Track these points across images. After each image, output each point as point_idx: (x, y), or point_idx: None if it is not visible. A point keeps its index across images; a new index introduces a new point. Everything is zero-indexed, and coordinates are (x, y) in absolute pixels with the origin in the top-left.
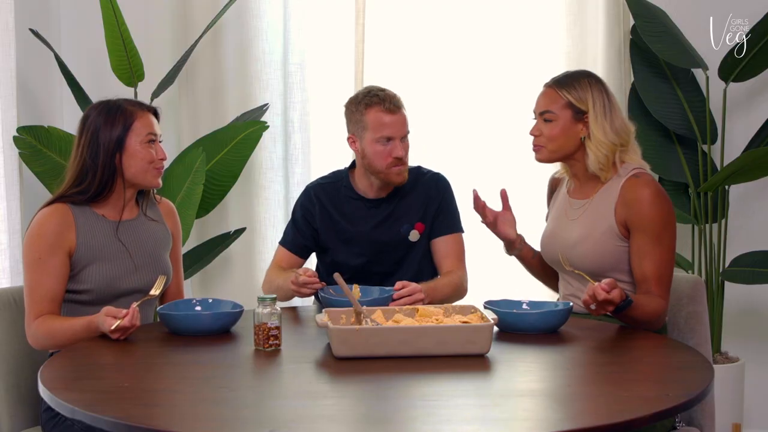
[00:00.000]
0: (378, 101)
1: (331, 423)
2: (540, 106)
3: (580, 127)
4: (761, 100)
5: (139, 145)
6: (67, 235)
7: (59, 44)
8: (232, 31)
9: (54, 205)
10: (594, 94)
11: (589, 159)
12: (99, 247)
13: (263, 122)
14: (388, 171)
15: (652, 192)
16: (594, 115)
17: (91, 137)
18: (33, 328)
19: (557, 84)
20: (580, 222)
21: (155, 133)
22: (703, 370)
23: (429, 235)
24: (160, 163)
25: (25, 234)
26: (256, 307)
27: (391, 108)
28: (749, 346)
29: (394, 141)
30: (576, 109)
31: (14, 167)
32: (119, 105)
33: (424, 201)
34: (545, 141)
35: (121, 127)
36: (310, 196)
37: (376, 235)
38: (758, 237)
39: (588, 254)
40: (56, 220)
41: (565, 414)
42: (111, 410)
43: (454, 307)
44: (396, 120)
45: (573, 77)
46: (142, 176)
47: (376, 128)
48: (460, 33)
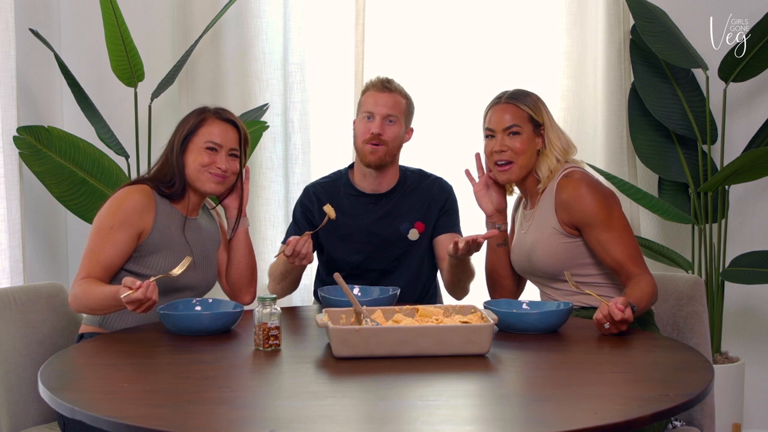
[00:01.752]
0: (372, 83)
1: (331, 423)
2: (503, 121)
3: (538, 140)
4: (761, 100)
5: (198, 148)
6: (144, 217)
7: (59, 44)
8: (232, 31)
9: (141, 185)
10: (543, 107)
11: (542, 168)
12: (170, 238)
13: (263, 122)
14: (363, 147)
15: (584, 187)
16: (549, 124)
17: (174, 133)
18: (76, 287)
19: (515, 99)
20: (530, 231)
21: (217, 142)
22: (703, 370)
23: (432, 234)
24: (215, 169)
25: (106, 202)
26: (256, 307)
27: (379, 87)
28: (749, 346)
29: (375, 117)
30: (535, 123)
31: (14, 167)
32: (203, 110)
33: (426, 201)
34: (514, 156)
35: (189, 127)
36: (310, 194)
37: (375, 229)
38: (758, 237)
39: (542, 258)
40: (140, 199)
41: (565, 414)
42: (111, 410)
43: (454, 307)
44: (380, 98)
45: (522, 93)
46: (196, 178)
47: (363, 105)
48: (460, 33)
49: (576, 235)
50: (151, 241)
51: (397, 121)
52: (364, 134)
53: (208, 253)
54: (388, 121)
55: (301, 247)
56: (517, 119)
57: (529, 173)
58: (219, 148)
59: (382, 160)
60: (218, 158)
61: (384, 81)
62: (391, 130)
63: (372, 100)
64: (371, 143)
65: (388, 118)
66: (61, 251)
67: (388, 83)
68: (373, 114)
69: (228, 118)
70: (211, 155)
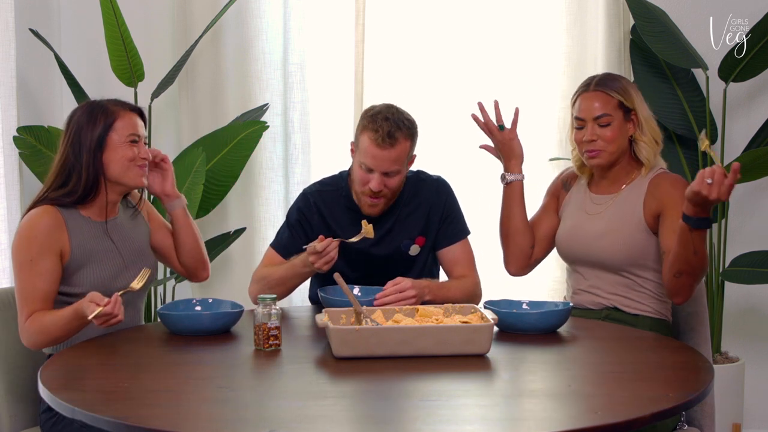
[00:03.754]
0: (373, 129)
1: (331, 423)
2: (593, 110)
3: (629, 126)
4: (761, 100)
5: (120, 144)
6: (59, 237)
7: (59, 44)
8: (232, 31)
9: (43, 207)
10: (634, 91)
11: (643, 151)
12: (91, 249)
13: (263, 122)
14: (361, 197)
15: (681, 185)
16: (642, 109)
17: (74, 136)
18: (26, 328)
19: (603, 86)
20: (603, 216)
21: (138, 134)
22: (703, 370)
23: (434, 245)
24: (141, 161)
25: (15, 235)
26: (256, 307)
27: (379, 143)
28: (749, 346)
29: (374, 173)
30: (625, 108)
31: (14, 167)
32: (102, 105)
33: (426, 211)
34: (604, 145)
35: (102, 125)
36: (309, 202)
37: (375, 251)
38: (758, 237)
39: (614, 246)
40: (47, 222)
41: (565, 414)
42: (111, 410)
43: (454, 307)
44: (382, 155)
45: (611, 78)
46: (124, 175)
47: (362, 153)
48: (460, 33)
49: (652, 232)
50: (74, 258)
51: (399, 172)
52: (362, 186)
53: (139, 249)
54: (388, 175)
55: (332, 250)
56: (608, 107)
57: (619, 159)
58: (138, 139)
59: (383, 210)
60: (140, 149)
61: (386, 134)
62: (393, 181)
63: (370, 154)
64: (371, 197)
65: (389, 173)
66: None
67: (390, 138)
68: (373, 169)
69: (136, 108)
70: (134, 148)
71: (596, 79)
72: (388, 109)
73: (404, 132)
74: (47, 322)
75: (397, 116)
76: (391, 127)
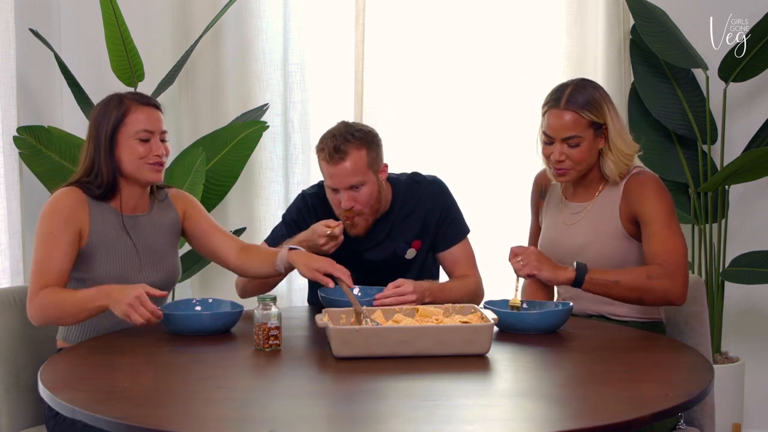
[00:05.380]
0: (320, 149)
1: (331, 423)
2: (561, 130)
3: (600, 141)
4: (761, 100)
5: (130, 140)
6: (80, 217)
7: (59, 44)
8: (232, 31)
9: (70, 187)
10: (608, 106)
11: (608, 168)
12: (108, 239)
13: (263, 122)
14: (341, 218)
15: (655, 185)
16: (613, 126)
17: (94, 130)
18: (38, 299)
19: (575, 105)
20: (581, 226)
21: (149, 129)
22: (703, 370)
23: (433, 247)
24: (154, 158)
25: (40, 212)
26: (256, 307)
27: (329, 160)
28: (749, 346)
29: (340, 191)
30: (596, 125)
31: (14, 167)
32: (119, 97)
33: (422, 215)
34: (572, 164)
35: (114, 121)
36: (308, 204)
37: (371, 256)
38: (758, 237)
39: (596, 258)
40: (72, 199)
41: (565, 414)
42: (111, 410)
43: (454, 307)
44: (335, 172)
45: (583, 92)
46: (137, 172)
47: (323, 176)
48: (460, 33)
49: (632, 237)
50: (91, 242)
51: (365, 182)
52: (336, 207)
53: (159, 251)
54: (354, 189)
55: (340, 233)
56: (578, 128)
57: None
58: (151, 135)
59: (368, 226)
60: (153, 145)
61: (332, 149)
62: (363, 195)
63: (327, 173)
64: (348, 218)
65: (353, 188)
66: None
67: (336, 152)
68: (335, 188)
69: (150, 102)
70: (146, 145)
71: (567, 93)
72: (336, 128)
73: (354, 143)
74: (62, 298)
75: (345, 130)
76: (336, 142)
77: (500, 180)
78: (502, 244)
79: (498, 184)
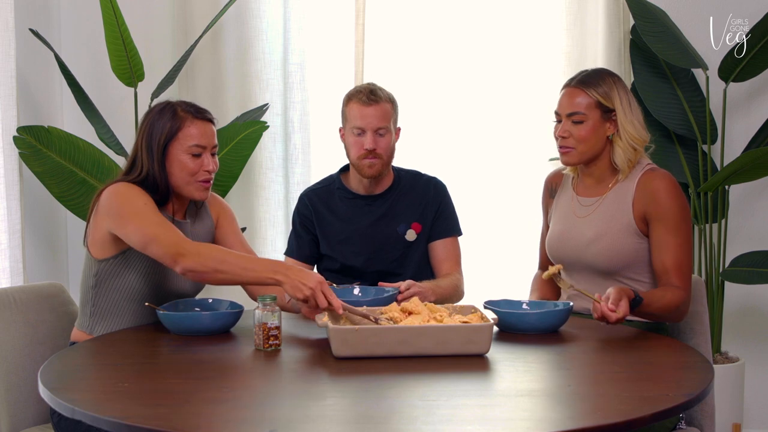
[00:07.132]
0: (355, 93)
1: (331, 423)
2: (567, 107)
3: (608, 126)
4: (761, 100)
5: (182, 155)
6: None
7: (59, 44)
8: (232, 31)
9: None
10: (619, 92)
11: (617, 156)
12: None
13: (263, 122)
14: (359, 162)
15: (670, 183)
16: (623, 112)
17: (147, 140)
18: (197, 248)
19: (582, 84)
20: (592, 220)
21: (202, 144)
22: (703, 370)
23: (428, 237)
24: (204, 175)
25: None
26: (256, 307)
27: (364, 101)
28: (749, 346)
29: (366, 133)
30: (604, 108)
31: (14, 167)
32: (173, 108)
33: (421, 202)
34: (575, 143)
35: (167, 133)
36: (305, 203)
37: (373, 231)
38: (758, 237)
39: (604, 252)
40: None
41: (565, 414)
42: (111, 410)
43: (454, 307)
44: (368, 112)
45: (596, 76)
46: (185, 188)
47: (351, 119)
48: (460, 33)
49: (644, 235)
50: None
51: (388, 131)
52: (358, 150)
53: None
54: (379, 134)
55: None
56: (582, 106)
57: (596, 158)
58: (203, 150)
59: (380, 171)
60: (204, 160)
61: (368, 92)
62: (384, 141)
63: (359, 114)
64: (367, 158)
65: (379, 131)
66: (61, 251)
67: (372, 95)
68: (364, 129)
69: (205, 116)
70: (197, 160)
71: (582, 74)
72: (366, 84)
73: (385, 94)
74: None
75: (374, 85)
76: (372, 87)
77: (500, 179)
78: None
79: (498, 183)
